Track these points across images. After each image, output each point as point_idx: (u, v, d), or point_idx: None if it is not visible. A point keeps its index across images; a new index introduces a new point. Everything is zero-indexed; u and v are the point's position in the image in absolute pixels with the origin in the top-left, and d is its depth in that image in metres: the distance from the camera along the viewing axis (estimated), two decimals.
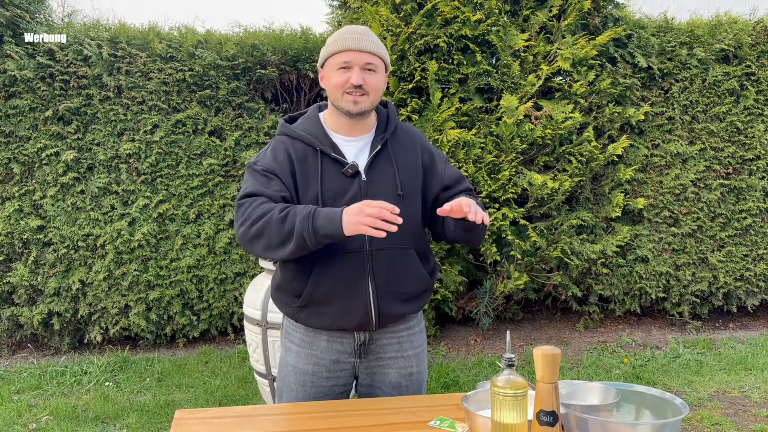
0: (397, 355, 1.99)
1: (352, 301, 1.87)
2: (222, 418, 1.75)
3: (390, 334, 1.99)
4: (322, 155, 1.89)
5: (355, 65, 1.86)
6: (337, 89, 1.87)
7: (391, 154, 1.94)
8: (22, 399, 3.98)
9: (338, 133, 1.95)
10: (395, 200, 1.87)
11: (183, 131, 4.79)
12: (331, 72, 1.89)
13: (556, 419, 1.40)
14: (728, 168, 5.28)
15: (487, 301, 4.96)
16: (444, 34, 4.54)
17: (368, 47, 1.86)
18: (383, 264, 1.88)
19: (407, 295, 1.95)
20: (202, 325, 4.93)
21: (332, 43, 1.89)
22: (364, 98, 1.87)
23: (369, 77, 1.87)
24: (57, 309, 4.69)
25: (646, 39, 5.08)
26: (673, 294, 5.29)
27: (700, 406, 3.86)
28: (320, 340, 1.96)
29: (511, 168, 4.61)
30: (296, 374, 1.97)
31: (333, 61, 1.88)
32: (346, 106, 1.87)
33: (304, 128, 1.95)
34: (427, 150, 2.04)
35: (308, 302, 1.90)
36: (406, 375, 2.00)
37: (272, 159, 1.90)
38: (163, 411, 3.80)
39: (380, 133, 1.97)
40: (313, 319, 1.93)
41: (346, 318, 1.90)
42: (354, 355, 1.97)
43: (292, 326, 2.02)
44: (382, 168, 1.92)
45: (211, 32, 4.94)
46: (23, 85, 4.57)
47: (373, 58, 1.88)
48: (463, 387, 4.15)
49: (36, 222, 4.62)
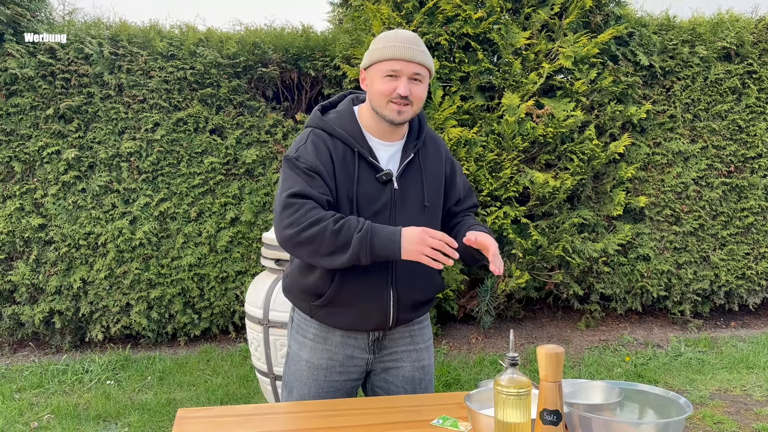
0: (409, 348, 2.03)
1: (372, 306, 1.90)
2: (224, 416, 1.75)
3: (402, 329, 2.03)
4: (360, 158, 1.87)
5: (403, 75, 1.82)
6: (382, 96, 1.84)
7: (421, 163, 1.95)
8: (23, 397, 3.98)
9: (374, 135, 1.92)
10: (421, 211, 1.91)
11: (184, 130, 4.79)
12: (377, 77, 1.85)
13: (559, 418, 1.40)
14: (730, 166, 5.27)
15: (489, 299, 4.96)
16: (445, 32, 4.54)
17: (419, 58, 1.83)
18: (405, 273, 1.91)
19: (422, 301, 2.01)
20: (203, 324, 4.93)
21: (381, 48, 1.84)
22: (408, 108, 1.85)
23: (415, 88, 1.85)
24: (58, 307, 4.69)
25: (648, 37, 5.07)
26: (674, 292, 5.29)
27: (702, 404, 3.86)
28: (335, 335, 1.98)
29: (512, 166, 4.60)
30: (310, 369, 1.99)
31: (380, 67, 1.84)
32: (390, 115, 1.84)
33: (341, 125, 1.89)
34: (449, 161, 2.06)
35: (329, 303, 1.91)
36: (420, 368, 2.03)
37: (315, 156, 1.83)
38: (165, 410, 3.80)
39: (412, 141, 1.96)
40: (331, 318, 1.95)
41: (364, 321, 1.93)
42: (368, 351, 1.99)
43: (305, 321, 2.02)
44: (413, 177, 1.93)
45: (212, 30, 4.93)
46: (24, 84, 4.57)
47: (421, 69, 1.85)
48: (464, 385, 4.15)
49: (37, 220, 4.61)
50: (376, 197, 1.86)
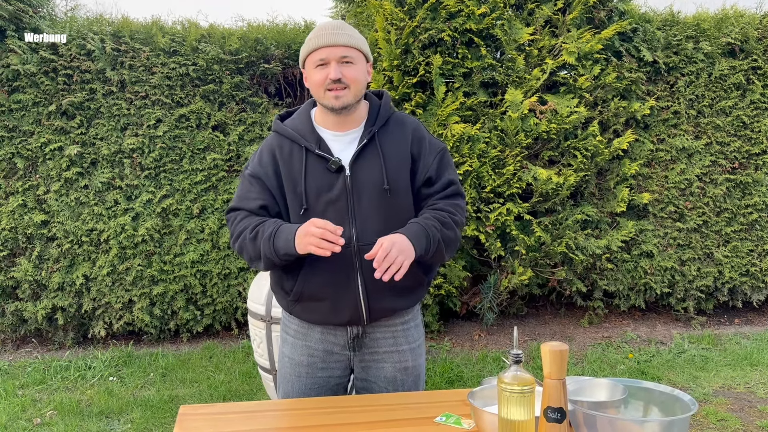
0: (391, 349, 1.99)
1: (342, 297, 1.88)
2: (226, 413, 1.75)
3: (384, 328, 1.98)
4: (307, 152, 1.89)
5: (331, 60, 1.84)
6: (318, 87, 1.87)
7: (379, 147, 1.91)
8: (26, 394, 3.99)
9: (327, 128, 1.94)
10: (382, 194, 1.86)
11: (186, 126, 4.78)
12: (310, 71, 1.89)
13: (563, 416, 1.39)
14: (734, 163, 5.25)
15: (491, 296, 4.95)
16: (448, 28, 4.52)
17: (342, 40, 1.84)
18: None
19: (398, 289, 1.92)
20: (205, 320, 4.93)
21: (307, 42, 1.88)
22: (346, 92, 1.85)
23: (347, 70, 1.85)
24: (61, 304, 4.69)
25: (652, 33, 5.05)
26: (678, 289, 5.27)
27: (706, 401, 3.84)
28: (314, 332, 1.98)
29: (515, 163, 4.59)
30: (292, 365, 2.00)
31: (310, 60, 1.88)
32: (329, 102, 1.86)
33: (293, 125, 1.96)
34: (419, 139, 1.97)
35: (300, 298, 1.93)
36: (402, 369, 1.99)
37: (258, 162, 1.94)
38: (167, 406, 3.80)
39: (369, 127, 1.94)
40: (306, 313, 1.96)
41: (336, 313, 1.91)
42: (348, 348, 1.98)
43: (287, 318, 2.05)
44: (369, 162, 1.89)
45: (214, 26, 4.92)
46: (26, 80, 4.56)
47: (348, 51, 1.85)
48: (467, 382, 4.14)
49: (40, 217, 4.61)
50: (330, 186, 1.86)
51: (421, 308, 2.15)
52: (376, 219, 1.87)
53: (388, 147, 1.92)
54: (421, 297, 2.03)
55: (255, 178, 1.93)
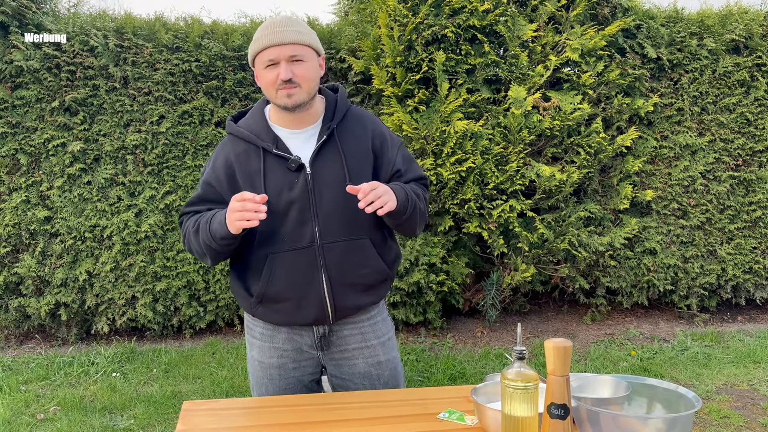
0: (360, 345, 1.97)
1: (307, 297, 1.86)
2: (230, 409, 1.75)
3: (351, 325, 1.97)
4: (265, 153, 1.86)
5: (281, 60, 1.79)
6: (269, 87, 1.83)
7: (338, 142, 1.88)
8: (29, 389, 4.00)
9: (283, 126, 1.90)
10: (343, 191, 1.81)
11: (189, 122, 4.78)
12: (260, 70, 1.85)
13: (567, 412, 1.39)
14: (738, 160, 5.23)
15: (494, 293, 4.95)
16: (452, 24, 4.51)
17: (290, 38, 1.79)
18: (336, 257, 1.85)
19: (364, 286, 1.91)
20: (208, 317, 4.94)
21: (255, 41, 1.83)
22: (297, 90, 1.81)
23: (297, 68, 1.80)
24: (64, 300, 4.70)
25: (656, 29, 5.03)
26: (681, 286, 5.27)
27: (709, 399, 3.84)
28: (280, 332, 1.96)
29: (518, 159, 4.58)
30: (263, 369, 1.98)
31: (259, 60, 1.83)
32: (282, 101, 1.83)
33: (247, 126, 1.91)
34: (380, 134, 1.96)
35: (263, 299, 1.89)
36: (374, 364, 1.98)
37: (211, 168, 1.92)
38: (170, 402, 3.81)
39: (327, 123, 1.90)
40: (270, 315, 1.92)
41: (301, 313, 1.88)
42: (315, 347, 1.96)
43: (252, 321, 2.02)
44: (329, 158, 1.86)
45: (217, 23, 4.92)
46: (29, 76, 4.56)
47: (297, 48, 1.80)
48: (470, 379, 4.14)
49: (43, 213, 4.62)
50: (291, 185, 1.83)
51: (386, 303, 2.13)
52: (339, 216, 1.85)
53: (348, 143, 1.89)
54: (385, 292, 2.01)
55: (207, 185, 1.91)
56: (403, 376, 2.07)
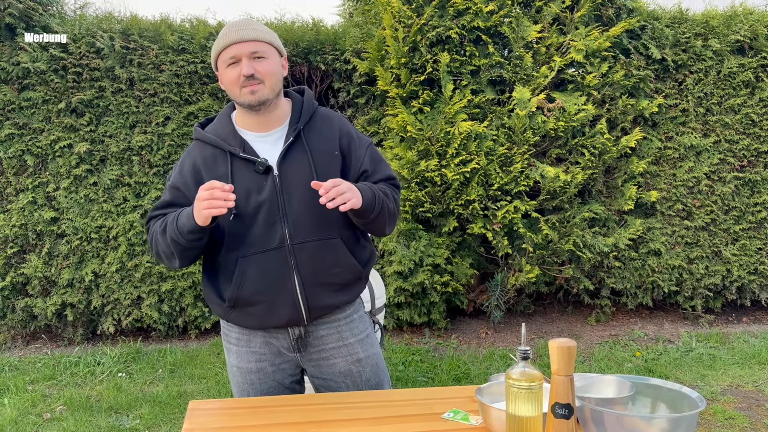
0: (338, 344, 1.96)
1: (279, 298, 1.84)
2: (235, 408, 1.76)
3: (326, 325, 1.95)
4: (232, 156, 1.86)
5: (242, 57, 1.80)
6: (233, 86, 1.83)
7: (306, 143, 1.88)
8: (36, 389, 4.02)
9: (249, 130, 1.90)
10: (312, 191, 1.78)
11: (195, 123, 4.79)
12: (223, 70, 1.86)
13: (571, 412, 1.39)
14: (743, 161, 5.23)
15: (499, 294, 4.95)
16: (456, 26, 4.52)
17: (250, 35, 1.81)
18: (307, 257, 1.84)
19: (337, 285, 1.90)
20: (213, 317, 4.95)
21: (216, 41, 1.85)
22: (261, 86, 1.81)
23: (259, 65, 1.81)
24: (70, 300, 4.72)
25: (660, 30, 5.03)
26: (685, 288, 5.26)
27: (713, 400, 3.84)
28: (256, 336, 1.95)
29: (523, 160, 4.59)
30: (242, 374, 1.97)
31: (222, 60, 1.84)
32: (246, 99, 1.82)
33: (213, 131, 1.92)
34: (347, 134, 1.95)
35: (236, 303, 1.88)
36: (354, 362, 1.97)
37: (178, 172, 1.92)
38: (176, 402, 3.82)
39: (293, 124, 1.90)
40: (244, 319, 1.91)
41: (275, 316, 1.87)
42: (292, 350, 1.95)
43: (227, 326, 2.00)
44: (296, 159, 1.86)
45: (222, 24, 4.94)
46: (36, 78, 4.59)
47: (258, 45, 1.81)
48: (474, 380, 4.14)
49: (49, 214, 4.64)
50: (260, 188, 1.83)
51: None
52: (308, 217, 1.84)
53: (315, 144, 1.89)
54: (360, 291, 2.00)
55: (175, 189, 1.90)
56: (385, 371, 2.05)
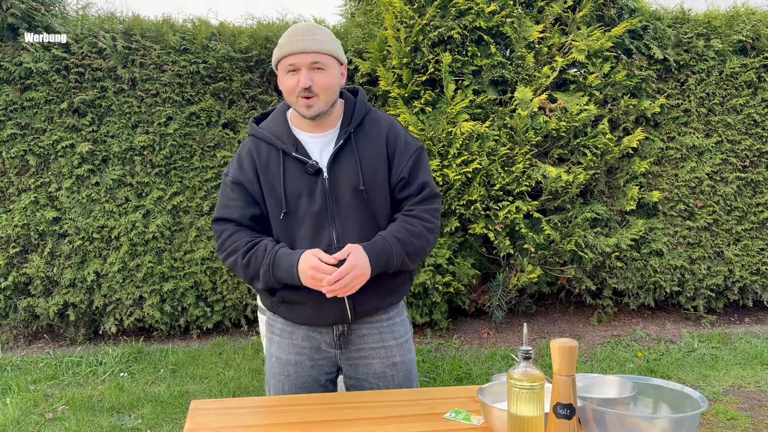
0: (377, 345, 1.98)
1: (326, 300, 1.85)
2: (237, 408, 1.76)
3: (369, 325, 1.98)
4: (284, 155, 1.88)
5: (302, 67, 1.82)
6: (290, 94, 1.85)
7: (355, 147, 1.89)
8: (38, 389, 4.03)
9: (303, 130, 1.92)
10: (357, 196, 1.85)
11: (197, 123, 4.80)
12: (282, 76, 1.87)
13: (573, 412, 1.39)
14: (745, 161, 5.22)
15: (500, 294, 4.95)
16: (458, 26, 4.52)
17: (312, 47, 1.81)
18: None
19: (382, 287, 1.93)
20: (215, 317, 4.96)
21: (279, 47, 1.86)
22: (315, 100, 1.83)
23: (317, 77, 1.82)
24: (72, 300, 4.73)
25: (662, 30, 5.03)
26: (687, 288, 5.25)
27: (715, 400, 3.83)
28: (299, 330, 1.98)
29: (525, 160, 4.58)
30: (280, 365, 1.99)
31: (282, 65, 1.86)
32: (301, 111, 1.86)
33: (268, 128, 1.94)
34: (394, 139, 1.94)
35: (283, 300, 1.92)
36: (390, 365, 1.99)
37: (238, 168, 1.93)
38: (177, 402, 3.82)
39: (344, 127, 1.92)
40: (291, 313, 1.95)
41: (321, 315, 1.91)
42: (333, 346, 1.97)
43: (272, 317, 2.05)
44: (345, 163, 1.88)
45: (224, 24, 4.94)
46: (39, 78, 4.59)
47: (319, 57, 1.82)
48: (476, 380, 4.14)
49: (52, 214, 4.65)
50: (310, 188, 1.86)
51: (406, 304, 2.13)
52: (354, 220, 1.87)
53: (364, 147, 1.91)
54: (405, 292, 2.02)
55: (237, 185, 1.92)
56: (416, 378, 2.08)
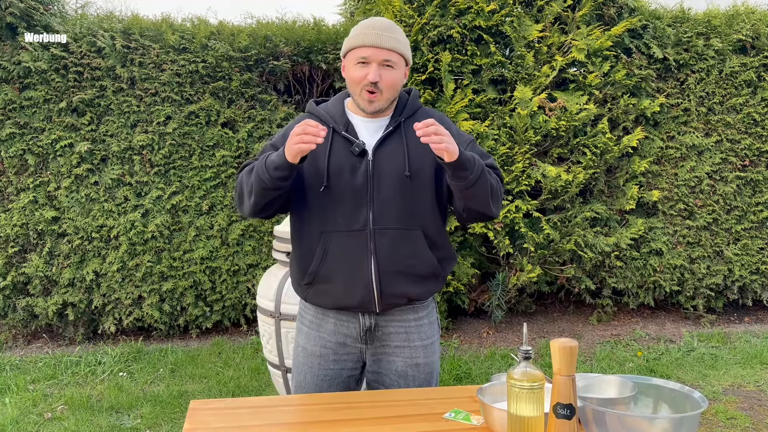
0: (403, 344, 1.99)
1: (355, 279, 1.90)
2: (237, 408, 1.76)
3: (396, 323, 1.99)
4: (334, 133, 1.93)
5: (373, 61, 1.86)
6: (355, 84, 1.90)
7: (404, 134, 1.94)
8: (37, 388, 4.02)
9: (358, 115, 1.97)
10: (402, 181, 1.89)
11: (196, 123, 4.80)
12: (350, 64, 1.92)
13: (573, 412, 1.39)
14: (744, 160, 5.22)
15: (500, 293, 4.94)
16: (458, 25, 4.51)
17: (388, 44, 1.86)
18: (387, 243, 1.89)
19: (412, 276, 1.93)
20: (215, 317, 4.95)
21: (355, 36, 1.90)
22: (378, 96, 1.88)
23: (386, 73, 1.87)
24: (71, 300, 4.72)
25: (662, 29, 5.02)
26: (687, 287, 5.25)
27: (715, 400, 3.83)
28: (328, 322, 2.00)
29: (524, 160, 4.58)
30: (305, 355, 2.02)
31: (353, 55, 1.90)
32: (362, 104, 1.91)
33: (325, 108, 2.01)
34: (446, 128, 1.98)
35: (314, 279, 1.94)
36: (413, 365, 1.99)
37: (282, 135, 1.97)
38: (177, 401, 3.82)
39: (396, 117, 1.97)
40: (319, 297, 1.97)
41: (349, 296, 1.92)
42: (360, 340, 1.98)
43: (303, 307, 2.08)
44: (392, 148, 1.93)
45: (223, 24, 4.93)
46: (37, 77, 4.59)
47: (391, 55, 1.88)
48: (475, 380, 4.14)
49: (50, 213, 4.64)
50: (353, 168, 1.90)
51: (435, 308, 2.12)
52: (395, 205, 1.90)
53: (414, 136, 1.91)
54: (435, 289, 2.02)
55: (273, 147, 1.95)
56: (438, 381, 2.08)
